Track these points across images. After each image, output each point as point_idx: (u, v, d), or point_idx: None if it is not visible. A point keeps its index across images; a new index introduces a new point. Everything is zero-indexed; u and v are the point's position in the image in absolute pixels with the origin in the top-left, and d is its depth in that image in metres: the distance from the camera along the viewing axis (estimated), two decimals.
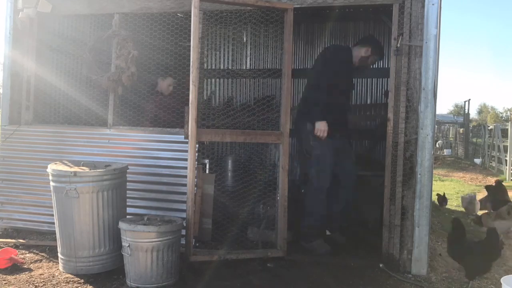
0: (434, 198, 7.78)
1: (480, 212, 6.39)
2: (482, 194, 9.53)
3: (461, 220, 3.83)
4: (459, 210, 7.57)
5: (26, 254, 4.27)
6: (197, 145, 4.14)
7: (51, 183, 3.87)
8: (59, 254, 3.92)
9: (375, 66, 7.37)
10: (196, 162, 4.19)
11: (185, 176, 4.18)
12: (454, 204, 8.15)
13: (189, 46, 4.10)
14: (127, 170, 4.13)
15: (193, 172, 4.08)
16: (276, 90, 7.26)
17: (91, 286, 3.58)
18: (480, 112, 60.19)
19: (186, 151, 4.14)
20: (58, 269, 3.90)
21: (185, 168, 4.19)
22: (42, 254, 4.27)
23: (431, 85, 3.93)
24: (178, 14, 4.95)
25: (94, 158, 4.52)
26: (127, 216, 4.05)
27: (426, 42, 3.94)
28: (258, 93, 7.39)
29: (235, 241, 4.51)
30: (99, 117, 5.04)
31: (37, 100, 5.19)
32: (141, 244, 3.50)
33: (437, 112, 4.21)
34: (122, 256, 3.63)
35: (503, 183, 7.25)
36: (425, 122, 3.93)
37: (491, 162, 15.56)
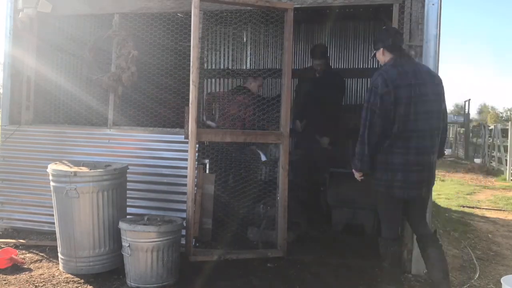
0: (434, 198, 7.79)
1: None
2: (482, 194, 9.56)
3: None
4: (459, 210, 7.58)
5: (26, 254, 4.26)
6: (197, 145, 4.15)
7: (51, 183, 3.87)
8: (59, 254, 3.92)
9: (375, 66, 7.39)
10: (196, 162, 4.19)
11: (185, 176, 4.18)
12: (454, 204, 8.15)
13: (189, 46, 4.10)
14: (127, 170, 4.13)
15: (193, 172, 4.08)
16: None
17: (91, 286, 3.58)
18: (480, 112, 60.15)
19: (186, 151, 4.14)
20: (58, 269, 3.90)
21: (185, 168, 4.19)
22: (42, 254, 4.27)
23: None
24: (178, 14, 4.95)
25: (95, 158, 4.52)
26: (127, 216, 4.05)
27: (426, 42, 3.94)
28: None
29: (235, 241, 4.51)
30: (100, 116, 5.04)
31: (37, 99, 5.19)
32: (141, 244, 3.50)
33: None
34: (122, 256, 3.63)
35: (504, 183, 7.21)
36: None
37: (491, 162, 15.56)
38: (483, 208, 7.77)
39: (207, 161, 4.76)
